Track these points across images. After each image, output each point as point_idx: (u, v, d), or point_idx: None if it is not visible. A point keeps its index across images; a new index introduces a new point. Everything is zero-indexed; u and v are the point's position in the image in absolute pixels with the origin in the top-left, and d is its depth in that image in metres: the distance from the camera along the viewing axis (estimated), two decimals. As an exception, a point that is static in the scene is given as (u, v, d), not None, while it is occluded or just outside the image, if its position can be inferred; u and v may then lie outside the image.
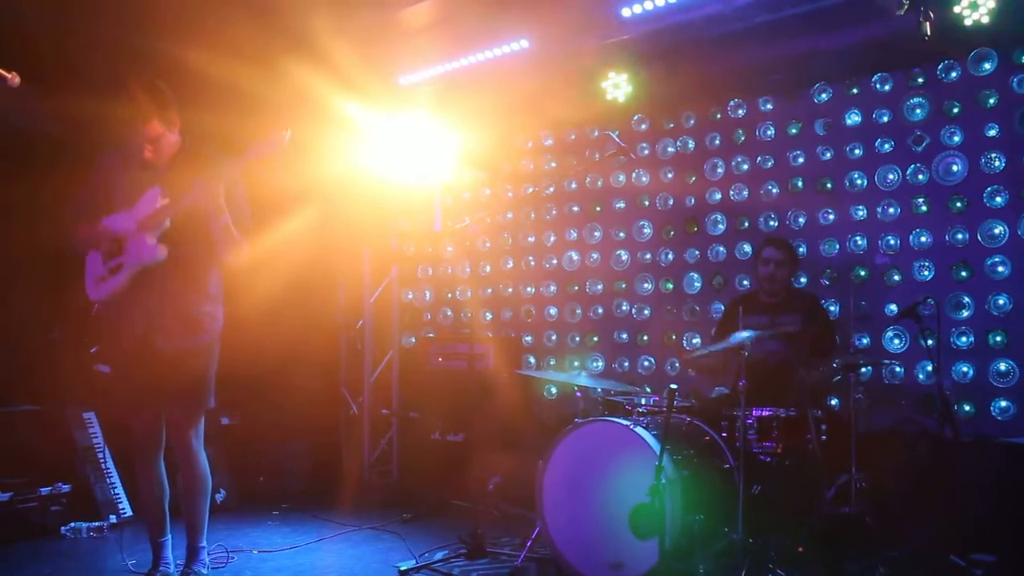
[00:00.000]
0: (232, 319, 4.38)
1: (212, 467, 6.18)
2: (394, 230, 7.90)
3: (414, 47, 6.35)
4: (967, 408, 5.42)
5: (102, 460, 5.85)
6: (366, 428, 7.45)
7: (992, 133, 5.45)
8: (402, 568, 4.68)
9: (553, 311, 7.24)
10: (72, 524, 5.43)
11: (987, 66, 5.45)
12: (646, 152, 6.81)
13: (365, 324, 7.64)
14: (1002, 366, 5.35)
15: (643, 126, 6.84)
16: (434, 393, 6.90)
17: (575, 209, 7.20)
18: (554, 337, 7.23)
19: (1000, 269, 5.39)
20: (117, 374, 4.18)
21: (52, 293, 5.68)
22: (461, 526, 5.15)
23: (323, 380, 7.55)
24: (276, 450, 6.97)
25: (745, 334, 4.43)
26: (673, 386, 3.83)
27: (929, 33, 4.89)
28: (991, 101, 5.46)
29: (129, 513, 5.73)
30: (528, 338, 7.33)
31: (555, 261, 7.25)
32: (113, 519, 5.62)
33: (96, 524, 5.48)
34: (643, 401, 4.79)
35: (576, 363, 6.94)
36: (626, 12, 5.51)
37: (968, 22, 4.87)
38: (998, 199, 5.41)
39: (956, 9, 4.87)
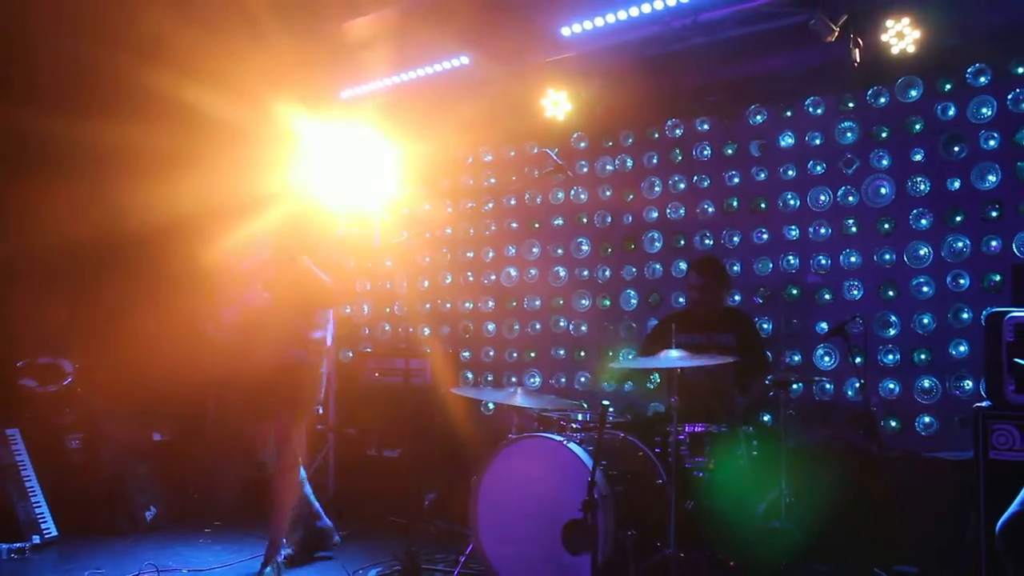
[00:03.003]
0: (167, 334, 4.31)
1: (143, 485, 6.05)
2: (333, 244, 7.81)
3: (356, 61, 6.34)
4: (893, 424, 5.55)
5: (26, 478, 5.65)
6: (302, 444, 7.33)
7: (918, 158, 5.62)
8: (336, 586, 4.65)
9: (491, 327, 7.24)
10: (-8, 545, 5.26)
11: (913, 93, 5.62)
12: (585, 170, 6.87)
13: (302, 338, 7.53)
14: (926, 383, 5.49)
15: (582, 144, 6.89)
16: (371, 408, 6.82)
17: (514, 225, 7.22)
18: (492, 353, 7.22)
19: (925, 289, 5.55)
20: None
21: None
22: (396, 543, 5.09)
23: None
24: (209, 466, 6.83)
25: (675, 354, 4.48)
26: (605, 402, 3.86)
27: (859, 60, 5.07)
28: (917, 127, 5.63)
29: (54, 533, 5.56)
30: (466, 353, 7.31)
31: (494, 277, 7.26)
32: (37, 540, 5.44)
33: (18, 545, 5.30)
34: (578, 417, 4.82)
35: (514, 379, 6.98)
36: (566, 31, 5.58)
37: (895, 51, 5.04)
38: (923, 221, 5.57)
39: (884, 38, 5.04)
